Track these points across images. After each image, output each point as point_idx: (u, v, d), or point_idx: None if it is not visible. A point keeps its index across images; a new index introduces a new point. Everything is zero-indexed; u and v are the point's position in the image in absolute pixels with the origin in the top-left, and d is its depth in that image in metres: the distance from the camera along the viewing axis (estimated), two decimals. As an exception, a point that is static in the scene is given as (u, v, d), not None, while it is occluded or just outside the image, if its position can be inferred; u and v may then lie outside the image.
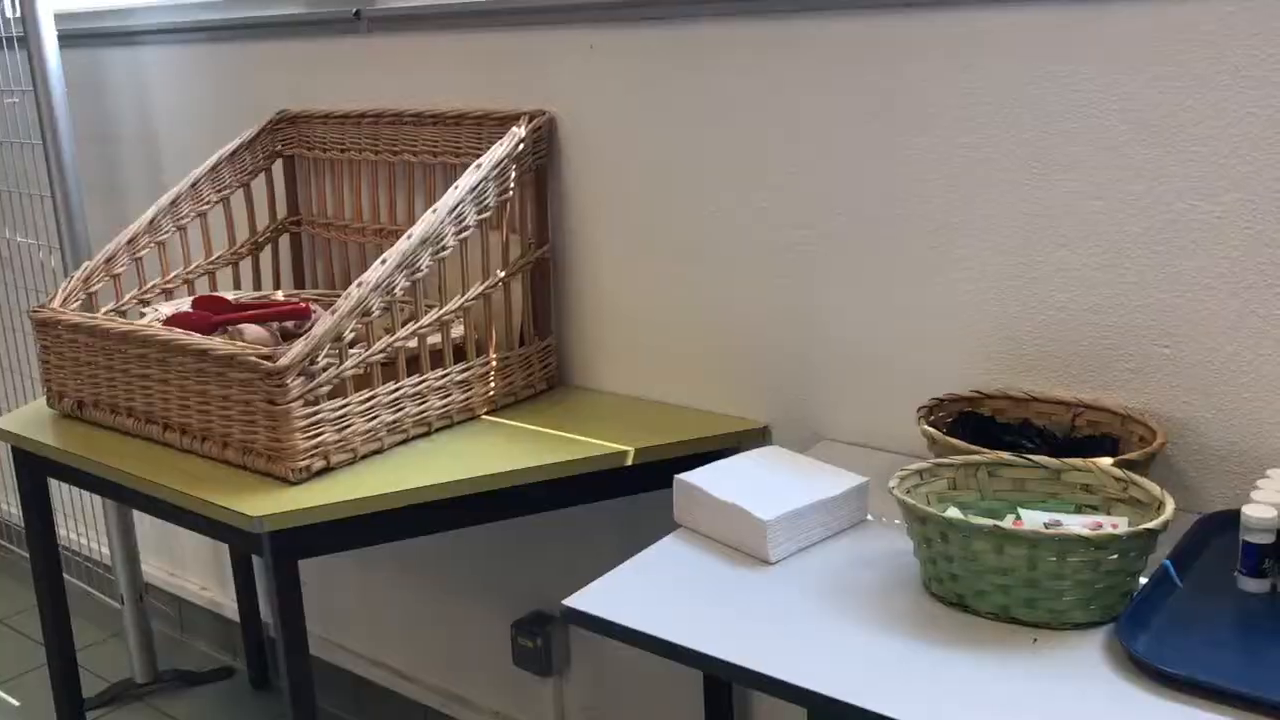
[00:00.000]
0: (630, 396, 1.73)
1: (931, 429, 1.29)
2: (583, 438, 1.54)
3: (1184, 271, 1.24)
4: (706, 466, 1.32)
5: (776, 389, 1.58)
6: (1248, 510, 1.09)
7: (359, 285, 1.44)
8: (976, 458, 1.20)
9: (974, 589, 1.07)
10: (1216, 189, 1.20)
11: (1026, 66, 1.29)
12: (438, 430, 1.58)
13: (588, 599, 1.16)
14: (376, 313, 1.46)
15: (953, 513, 1.17)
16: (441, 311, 1.57)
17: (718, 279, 1.59)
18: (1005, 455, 1.20)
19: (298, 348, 1.40)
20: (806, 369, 1.55)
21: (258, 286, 1.99)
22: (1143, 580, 1.09)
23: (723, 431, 1.57)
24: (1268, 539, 1.08)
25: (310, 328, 1.47)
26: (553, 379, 1.76)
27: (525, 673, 1.99)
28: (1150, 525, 1.03)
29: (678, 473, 1.30)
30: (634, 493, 1.55)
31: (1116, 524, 1.11)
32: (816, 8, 1.41)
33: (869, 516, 1.29)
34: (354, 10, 1.88)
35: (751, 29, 1.47)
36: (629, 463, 1.50)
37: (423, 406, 1.55)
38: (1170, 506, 1.06)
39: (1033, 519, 1.15)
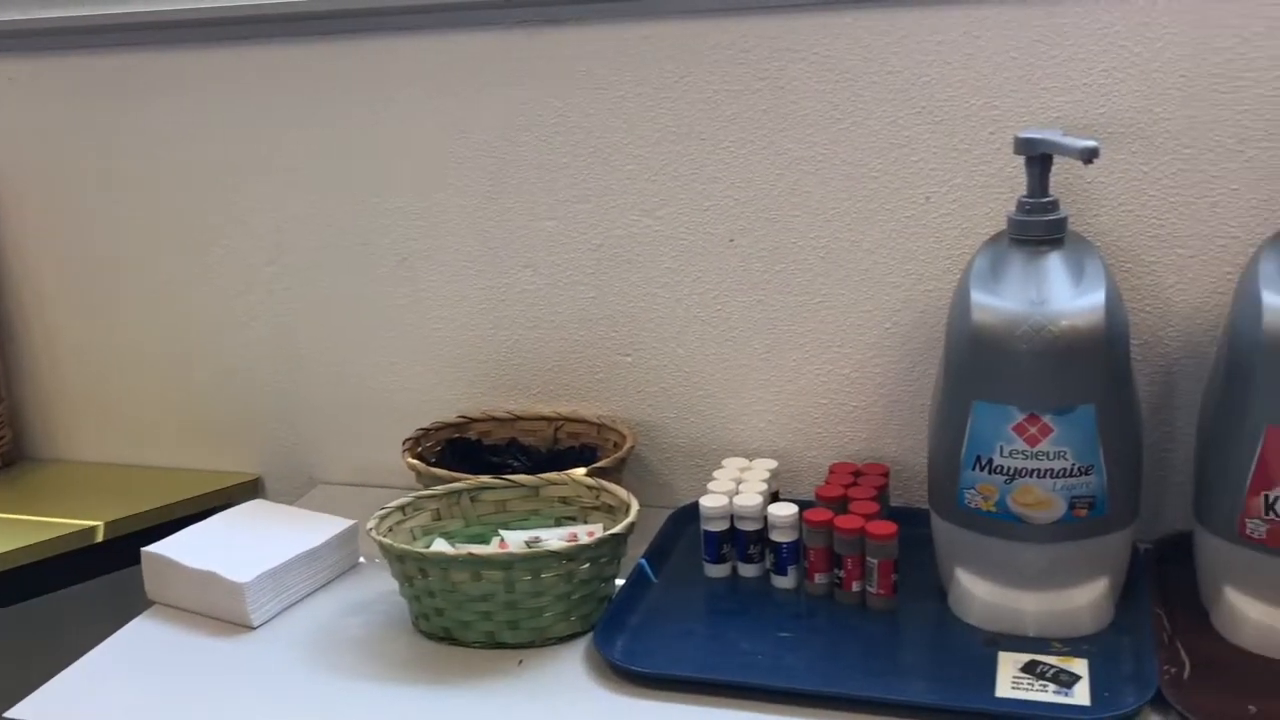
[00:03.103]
0: (106, 464, 1.57)
1: (416, 461, 1.27)
2: (43, 518, 1.37)
3: (634, 283, 1.31)
4: (178, 533, 1.22)
5: (265, 437, 1.50)
6: (704, 501, 1.17)
7: None
8: (458, 485, 1.20)
9: (459, 620, 1.06)
10: (652, 204, 1.28)
11: (475, 91, 1.30)
12: None
13: (38, 704, 1.02)
14: None
15: (438, 545, 1.16)
16: None
17: (189, 326, 1.48)
18: (485, 479, 1.20)
19: None
20: (294, 412, 1.48)
21: None
22: (620, 582, 1.13)
23: (209, 490, 1.46)
24: (723, 526, 1.16)
25: None
26: (9, 455, 1.56)
27: (19, 789, 1.75)
28: (615, 530, 1.07)
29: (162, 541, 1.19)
30: (112, 571, 1.40)
31: (593, 532, 1.14)
32: (288, 35, 1.34)
33: (361, 559, 1.25)
34: None
35: (218, 56, 1.37)
36: (100, 539, 1.35)
37: None
38: (635, 508, 1.11)
39: (515, 539, 1.16)
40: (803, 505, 1.14)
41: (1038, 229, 1.02)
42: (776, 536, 1.13)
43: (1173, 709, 0.91)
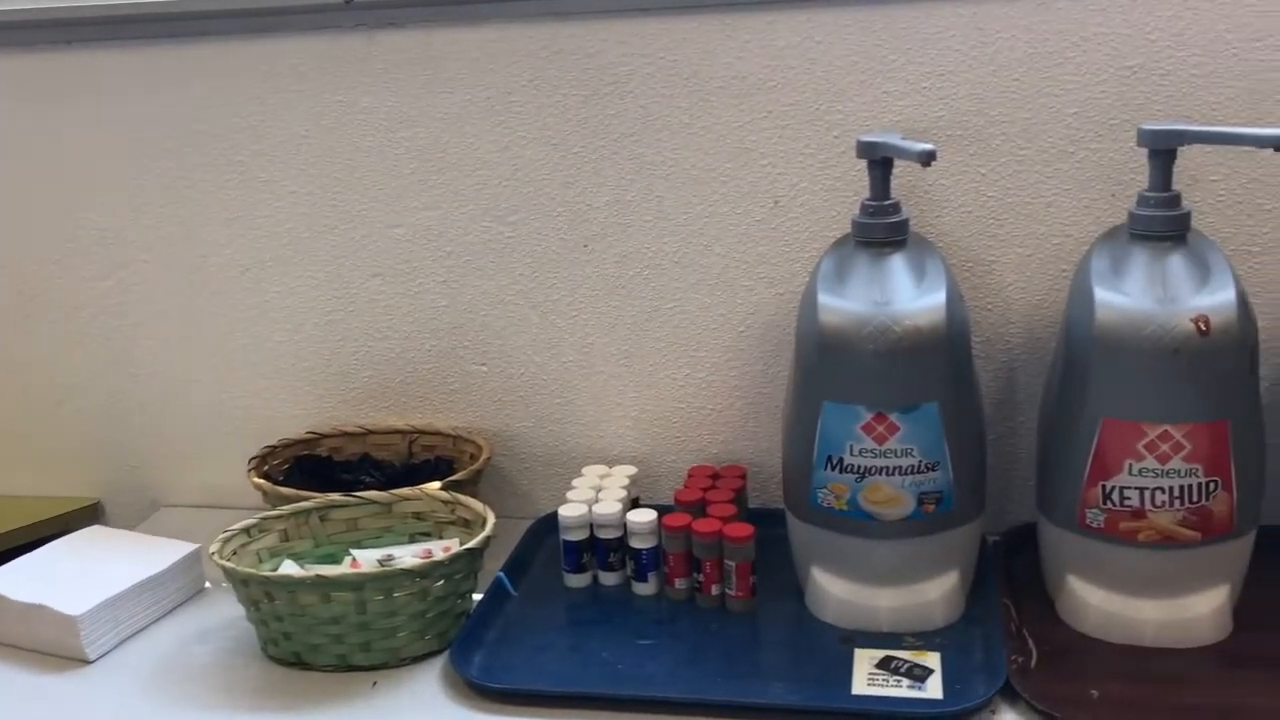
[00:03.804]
0: (-73, 493, 1.48)
1: (263, 480, 1.23)
2: None
3: (488, 291, 1.29)
4: (7, 565, 1.15)
5: (104, 459, 1.43)
6: (563, 511, 1.15)
7: None
8: (305, 504, 1.16)
9: (309, 644, 1.02)
10: (504, 210, 1.26)
11: (313, 95, 1.26)
12: None
13: None
14: None
15: (287, 567, 1.12)
16: None
17: (22, 344, 1.40)
18: (334, 496, 1.17)
19: None
20: (134, 433, 1.41)
21: None
22: (478, 597, 1.11)
23: (43, 517, 1.38)
24: (583, 535, 1.15)
25: None
26: None
27: None
28: (470, 545, 1.05)
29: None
30: (-65, 608, 1.32)
31: (448, 547, 1.11)
32: (122, 39, 1.28)
33: (207, 585, 1.20)
34: None
35: (42, 59, 1.30)
36: (-82, 575, 1.27)
37: None
38: (491, 521, 1.09)
39: (367, 558, 1.12)
40: (662, 510, 1.14)
41: (880, 231, 1.03)
42: (636, 543, 1.13)
43: (1020, 697, 0.93)
